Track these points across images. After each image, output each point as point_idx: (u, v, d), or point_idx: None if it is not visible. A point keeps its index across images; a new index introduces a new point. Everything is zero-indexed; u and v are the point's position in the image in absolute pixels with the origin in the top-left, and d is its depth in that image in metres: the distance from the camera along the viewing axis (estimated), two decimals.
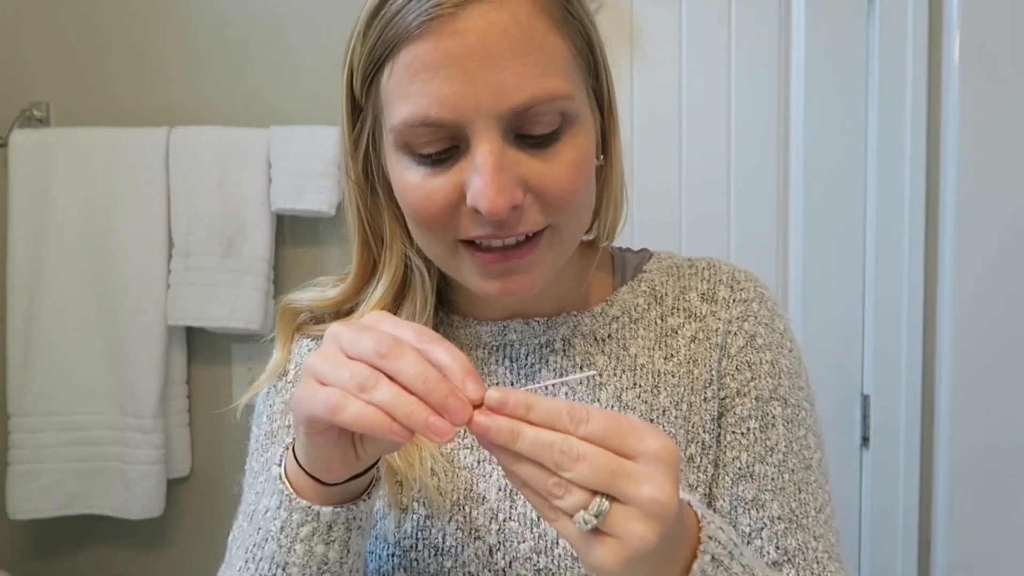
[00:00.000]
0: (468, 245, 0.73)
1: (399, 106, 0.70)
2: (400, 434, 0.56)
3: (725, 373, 0.84)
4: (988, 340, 1.77)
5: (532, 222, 0.71)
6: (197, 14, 1.86)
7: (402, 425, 0.55)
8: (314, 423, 0.60)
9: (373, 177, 0.80)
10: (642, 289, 0.87)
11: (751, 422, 0.82)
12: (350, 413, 0.56)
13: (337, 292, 0.84)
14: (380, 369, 0.57)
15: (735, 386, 0.83)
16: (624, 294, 0.87)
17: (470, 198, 0.69)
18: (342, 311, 0.85)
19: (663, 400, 0.82)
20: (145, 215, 1.79)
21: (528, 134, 0.69)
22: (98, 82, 1.86)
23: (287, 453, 0.69)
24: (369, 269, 0.83)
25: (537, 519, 0.78)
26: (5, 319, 1.81)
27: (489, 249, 0.73)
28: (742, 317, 0.85)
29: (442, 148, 0.70)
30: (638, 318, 0.86)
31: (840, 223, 1.82)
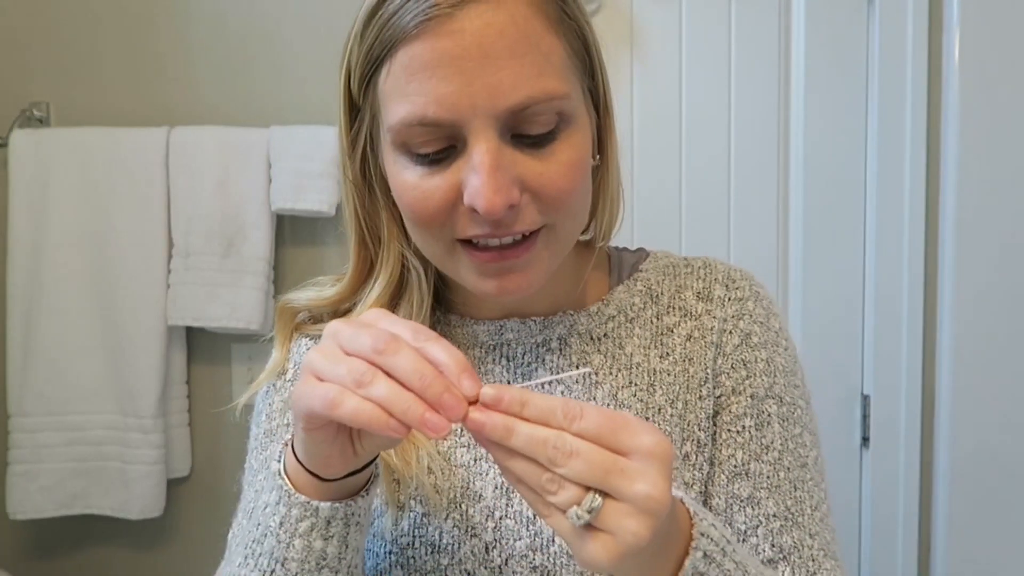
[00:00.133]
0: (465, 244, 0.74)
1: (396, 106, 0.70)
2: (397, 429, 0.56)
3: (720, 371, 0.84)
4: (988, 340, 1.77)
5: (529, 221, 0.72)
6: (197, 14, 1.86)
7: (399, 421, 0.56)
8: (312, 418, 0.61)
9: (371, 177, 0.80)
10: (638, 288, 0.87)
11: (746, 420, 0.82)
12: (347, 408, 0.57)
13: (335, 291, 0.85)
14: (377, 365, 0.57)
15: (730, 384, 0.84)
16: (620, 293, 0.87)
17: (467, 197, 0.69)
18: (340, 310, 0.86)
19: (659, 398, 0.82)
20: (145, 215, 1.79)
21: (525, 134, 0.70)
22: (98, 82, 1.87)
23: (286, 449, 0.69)
24: (366, 268, 0.84)
25: (533, 517, 0.78)
26: (5, 319, 1.81)
27: (486, 248, 0.73)
28: (737, 316, 0.86)
29: (439, 148, 0.70)
30: (634, 317, 0.86)
31: (840, 223, 1.82)
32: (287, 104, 1.85)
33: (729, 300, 0.86)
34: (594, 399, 0.82)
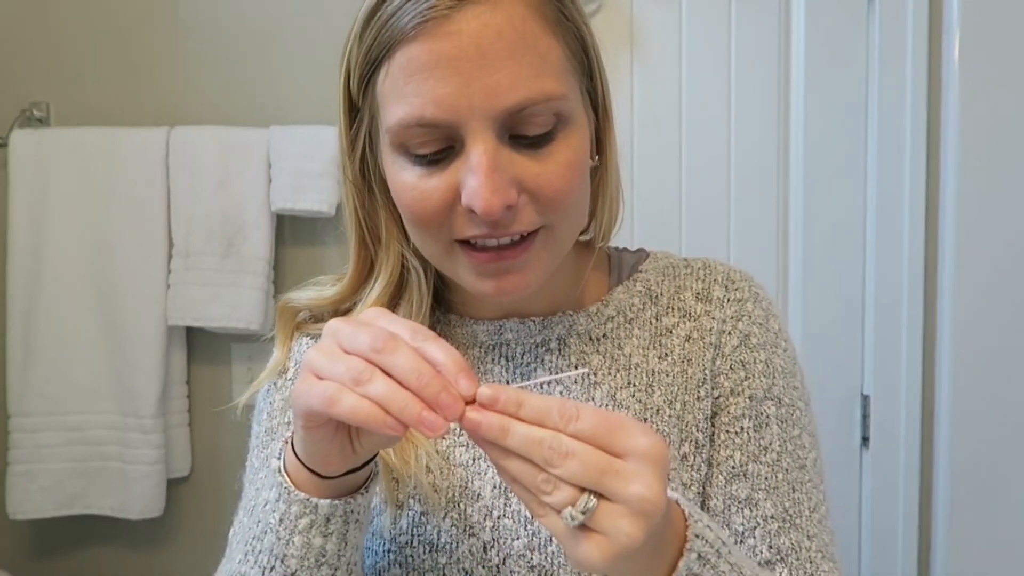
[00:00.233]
0: (463, 245, 0.74)
1: (395, 107, 0.70)
2: (394, 427, 0.57)
3: (719, 372, 0.84)
4: (988, 340, 1.77)
5: (526, 222, 0.72)
6: (197, 14, 1.86)
7: (396, 419, 0.56)
8: (311, 416, 0.61)
9: (370, 177, 0.80)
10: (637, 289, 0.87)
11: (745, 421, 0.82)
12: (345, 406, 0.57)
13: (335, 291, 0.85)
14: (375, 364, 0.58)
15: (729, 385, 0.84)
16: (619, 294, 0.87)
17: (465, 198, 0.69)
18: (340, 310, 0.86)
19: (657, 399, 0.82)
20: (145, 215, 1.79)
21: (522, 134, 0.70)
22: (98, 82, 1.87)
23: (286, 447, 0.70)
24: (366, 268, 0.84)
25: (532, 516, 0.78)
26: (5, 319, 1.81)
27: (484, 249, 0.73)
28: (736, 317, 0.86)
29: (437, 148, 0.70)
30: (633, 318, 0.86)
31: (840, 223, 1.82)
32: (287, 104, 1.85)
33: (728, 301, 0.86)
34: (593, 399, 0.82)
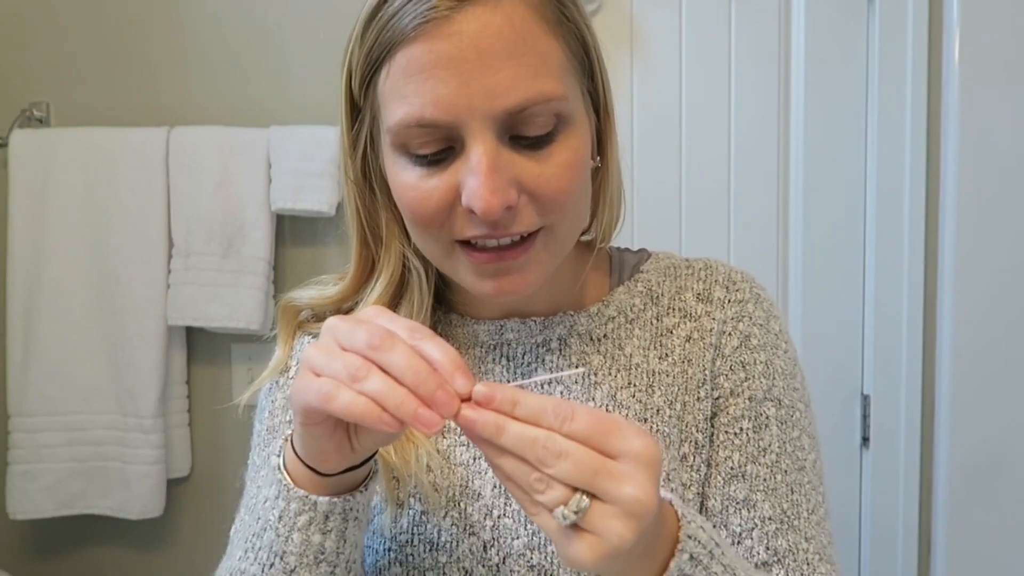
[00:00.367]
0: (464, 245, 0.74)
1: (395, 107, 0.70)
2: (390, 424, 0.57)
3: (719, 373, 0.84)
4: (988, 340, 1.77)
5: (527, 223, 0.72)
6: (197, 14, 1.86)
7: (392, 415, 0.57)
8: (309, 413, 0.62)
9: (371, 177, 0.80)
10: (638, 289, 0.87)
11: (744, 422, 0.82)
12: (341, 402, 0.58)
13: (337, 290, 0.85)
14: (372, 361, 0.58)
15: (729, 386, 0.84)
16: (620, 294, 0.87)
17: (465, 198, 0.70)
18: (342, 309, 0.86)
19: (657, 399, 0.82)
20: (145, 215, 1.79)
21: (522, 135, 0.70)
22: (98, 82, 1.87)
23: (285, 444, 0.70)
24: (368, 268, 0.84)
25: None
26: (5, 319, 1.81)
27: (484, 249, 0.73)
28: (737, 317, 0.86)
29: (438, 149, 0.70)
30: (634, 318, 0.86)
31: (840, 223, 1.82)
32: (287, 104, 1.85)
33: (729, 302, 0.86)
34: (593, 400, 0.82)
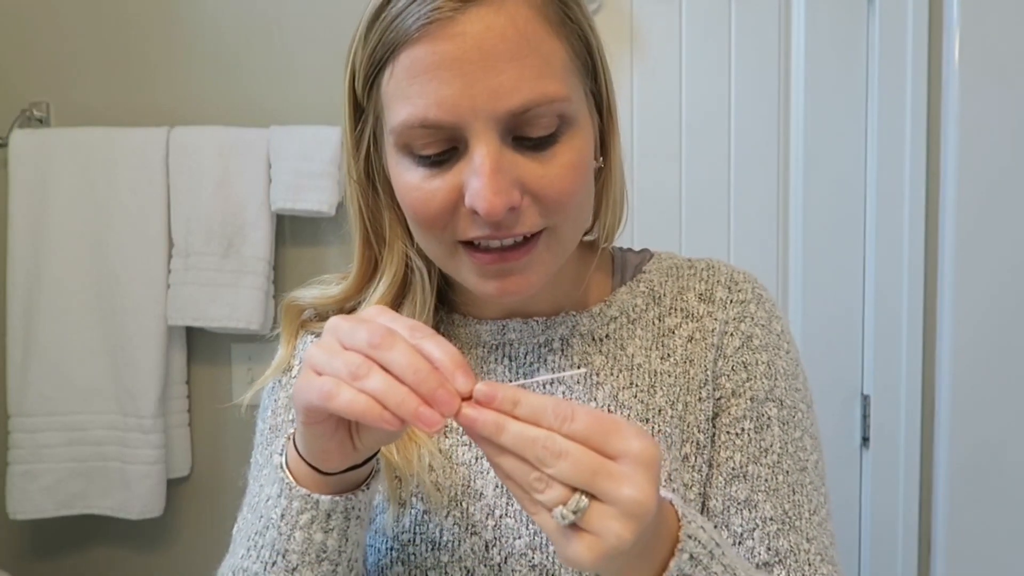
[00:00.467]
0: (467, 246, 0.74)
1: (399, 108, 0.70)
2: (391, 422, 0.57)
3: (721, 373, 0.84)
4: (988, 340, 1.77)
5: (529, 223, 0.72)
6: (197, 14, 1.86)
7: (392, 413, 0.57)
8: (311, 412, 0.62)
9: (374, 177, 0.80)
10: (640, 290, 0.87)
11: (746, 423, 0.82)
12: (342, 400, 0.58)
13: (339, 290, 0.85)
14: (373, 359, 0.58)
15: (730, 387, 0.84)
16: (623, 294, 0.87)
17: (468, 199, 0.70)
18: (345, 309, 0.86)
19: (659, 400, 0.82)
20: (145, 215, 1.79)
21: (526, 136, 0.70)
22: (98, 82, 1.86)
23: (288, 443, 0.70)
24: (371, 268, 0.84)
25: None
26: (5, 319, 1.81)
27: (487, 250, 0.73)
28: (739, 318, 0.86)
29: (441, 150, 0.70)
30: (636, 318, 0.86)
31: (840, 223, 1.82)
32: (287, 104, 1.85)
33: (731, 302, 0.86)
34: (595, 400, 0.82)
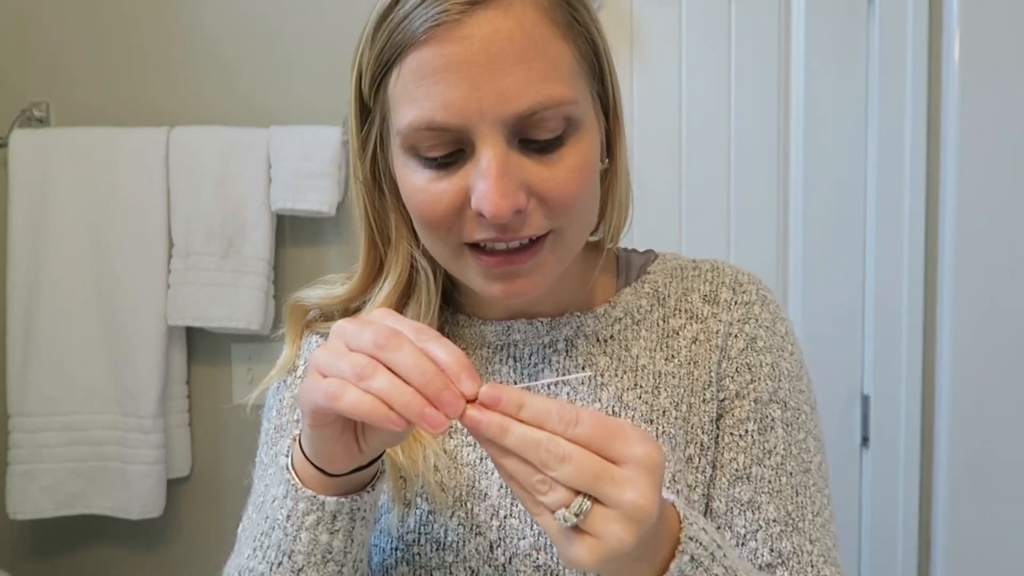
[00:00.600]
0: (472, 248, 0.74)
1: (405, 110, 0.70)
2: (396, 423, 0.57)
3: (725, 375, 0.84)
4: (988, 340, 1.77)
5: (536, 226, 0.72)
6: (197, 14, 1.86)
7: (398, 414, 0.57)
8: (317, 414, 0.62)
9: (380, 178, 0.80)
10: (645, 290, 0.88)
11: (749, 424, 0.83)
12: (348, 400, 0.58)
13: (344, 290, 0.85)
14: (379, 360, 0.59)
15: (734, 388, 0.84)
16: (627, 295, 0.87)
17: (474, 202, 0.70)
18: (350, 309, 0.86)
19: (663, 401, 0.82)
20: (145, 215, 1.79)
21: (532, 139, 0.70)
22: (98, 82, 1.86)
23: (294, 445, 0.71)
24: (376, 268, 0.84)
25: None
26: (5, 319, 1.81)
27: (493, 252, 0.73)
28: (743, 319, 0.86)
29: (447, 152, 0.70)
30: (640, 319, 0.86)
31: (840, 223, 1.83)
32: (287, 104, 1.85)
33: (735, 304, 0.86)
34: (599, 401, 0.82)
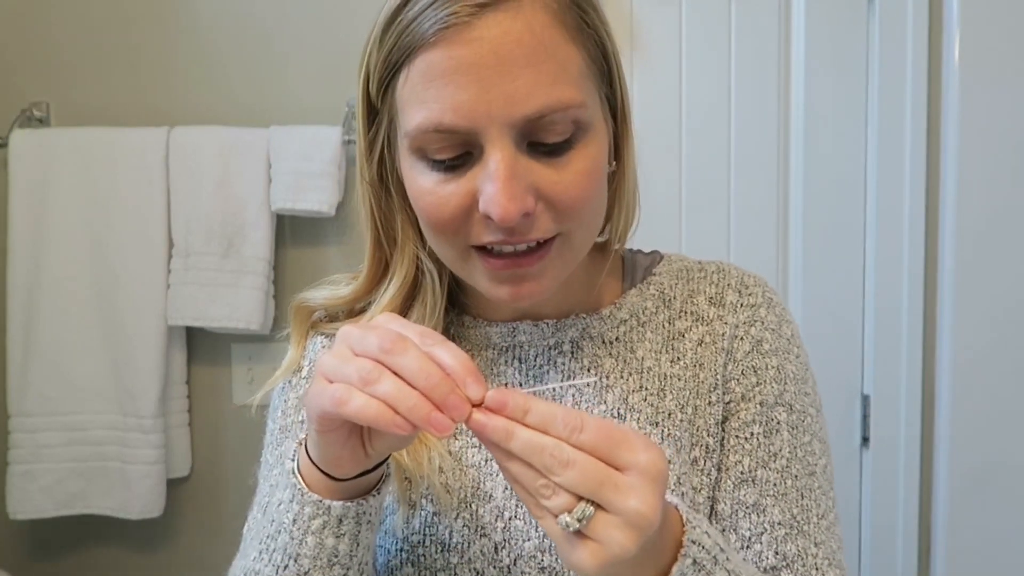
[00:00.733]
0: (480, 250, 0.74)
1: (414, 112, 0.70)
2: (402, 427, 0.57)
3: (730, 377, 0.84)
4: (988, 340, 1.77)
5: (543, 229, 0.72)
6: (197, 15, 1.86)
7: (404, 418, 0.57)
8: (324, 419, 0.62)
9: (387, 179, 0.80)
10: (651, 292, 0.87)
11: (755, 427, 0.83)
12: (354, 405, 0.58)
13: (349, 291, 0.85)
14: (385, 364, 0.59)
15: (740, 391, 0.84)
16: (633, 297, 0.87)
17: (482, 204, 0.69)
18: (355, 309, 0.86)
19: (669, 403, 0.82)
20: (145, 215, 1.79)
21: (541, 142, 0.70)
22: (98, 82, 1.86)
23: (300, 449, 0.70)
24: (381, 269, 0.84)
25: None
26: (5, 319, 1.81)
27: (500, 255, 0.73)
28: (749, 322, 0.86)
29: (456, 154, 0.70)
30: (646, 321, 0.86)
31: (840, 223, 1.83)
32: (287, 104, 1.85)
33: (741, 306, 0.86)
34: (604, 403, 0.82)
